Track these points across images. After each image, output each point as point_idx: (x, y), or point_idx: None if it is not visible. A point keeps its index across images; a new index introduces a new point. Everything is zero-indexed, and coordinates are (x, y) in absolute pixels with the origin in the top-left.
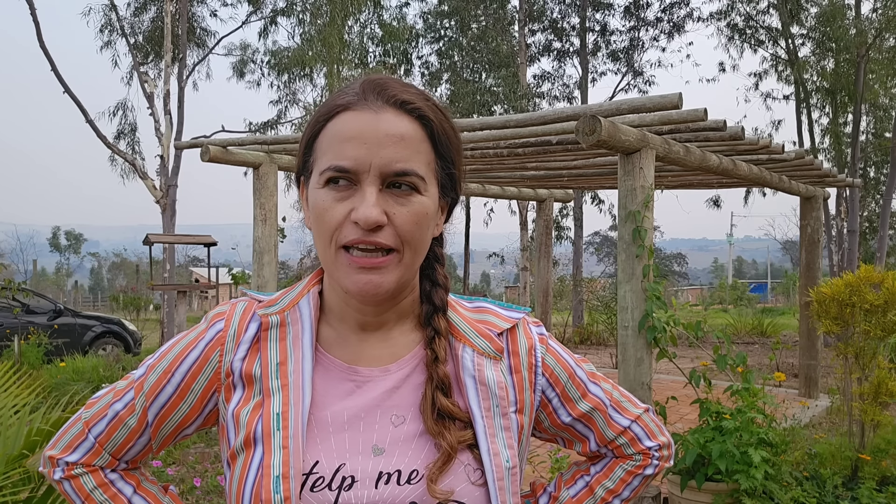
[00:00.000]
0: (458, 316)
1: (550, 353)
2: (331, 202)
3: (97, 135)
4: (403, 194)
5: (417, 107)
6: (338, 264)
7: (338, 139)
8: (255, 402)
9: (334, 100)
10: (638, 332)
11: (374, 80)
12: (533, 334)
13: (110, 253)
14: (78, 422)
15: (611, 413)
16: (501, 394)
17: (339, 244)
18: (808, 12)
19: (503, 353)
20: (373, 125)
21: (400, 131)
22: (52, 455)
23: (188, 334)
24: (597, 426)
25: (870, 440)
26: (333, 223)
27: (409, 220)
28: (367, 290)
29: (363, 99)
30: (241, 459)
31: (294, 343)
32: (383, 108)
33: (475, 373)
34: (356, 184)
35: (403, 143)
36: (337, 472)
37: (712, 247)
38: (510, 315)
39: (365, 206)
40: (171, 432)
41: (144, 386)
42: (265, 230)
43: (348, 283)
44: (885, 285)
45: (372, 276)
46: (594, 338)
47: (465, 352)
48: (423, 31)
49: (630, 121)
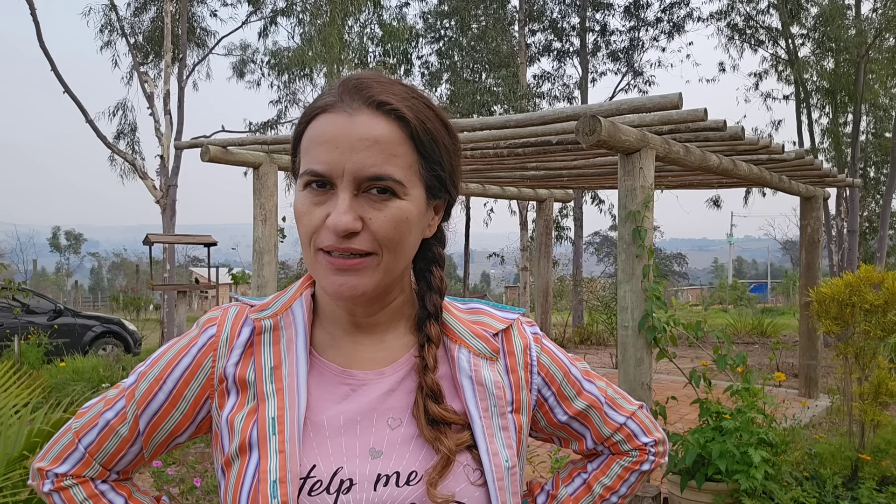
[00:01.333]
0: (453, 317)
1: (545, 353)
2: (309, 206)
3: (97, 135)
4: (380, 199)
5: (394, 108)
6: (317, 265)
7: (314, 142)
8: (249, 408)
9: (316, 101)
10: (638, 332)
11: (353, 79)
12: (527, 334)
13: (110, 253)
14: (67, 432)
15: (606, 410)
16: (499, 394)
17: (317, 247)
18: (808, 12)
19: (499, 354)
20: (346, 128)
21: (374, 134)
22: (41, 467)
23: (179, 340)
24: (593, 423)
25: (870, 440)
26: (311, 227)
27: (386, 225)
28: (343, 291)
29: (340, 100)
30: (237, 466)
31: (288, 346)
32: (359, 110)
33: (472, 373)
34: (333, 187)
35: (378, 146)
36: (335, 476)
37: (712, 247)
38: (504, 316)
39: (336, 214)
40: (163, 440)
41: (136, 394)
42: (265, 230)
43: (326, 284)
44: (885, 285)
45: (348, 278)
46: (594, 338)
47: (461, 353)
48: (423, 31)
49: (630, 121)
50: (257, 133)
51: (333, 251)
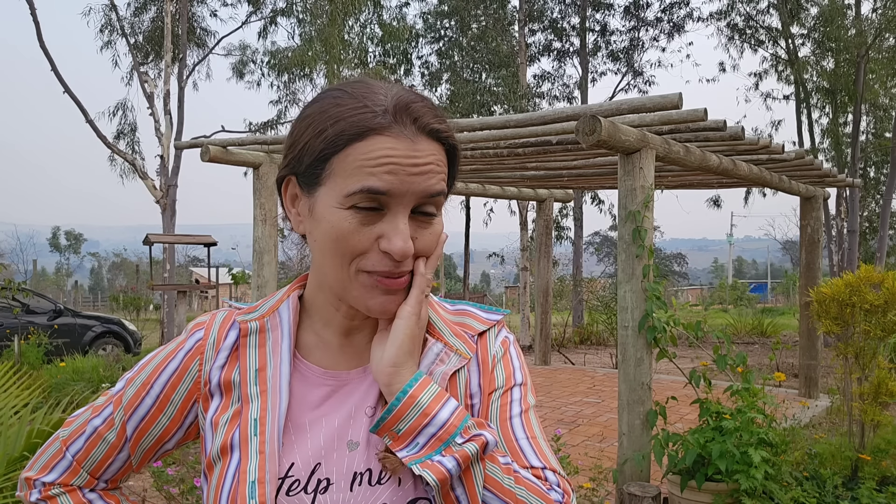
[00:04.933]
0: (438, 317)
1: (503, 360)
2: (356, 226)
3: (97, 135)
4: (427, 219)
5: (448, 135)
6: (356, 284)
7: (371, 163)
8: (233, 410)
9: (359, 118)
10: (638, 332)
11: (402, 102)
12: (500, 337)
13: (110, 253)
14: (55, 441)
15: (525, 451)
16: (442, 384)
17: (361, 269)
18: (808, 12)
19: (475, 354)
20: (411, 154)
21: (435, 158)
22: (29, 476)
23: (168, 346)
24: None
25: (870, 440)
26: (358, 248)
27: (430, 242)
28: (390, 309)
29: (396, 123)
30: (218, 468)
31: (273, 349)
32: (418, 136)
33: (433, 365)
34: (383, 208)
35: (437, 167)
36: (312, 474)
37: (712, 247)
38: (488, 317)
39: (400, 239)
40: (151, 446)
41: (123, 399)
42: (265, 230)
43: (372, 304)
44: (885, 285)
45: (396, 297)
46: (594, 338)
47: (435, 346)
48: (422, 31)
49: (630, 121)
50: (257, 133)
51: (388, 275)
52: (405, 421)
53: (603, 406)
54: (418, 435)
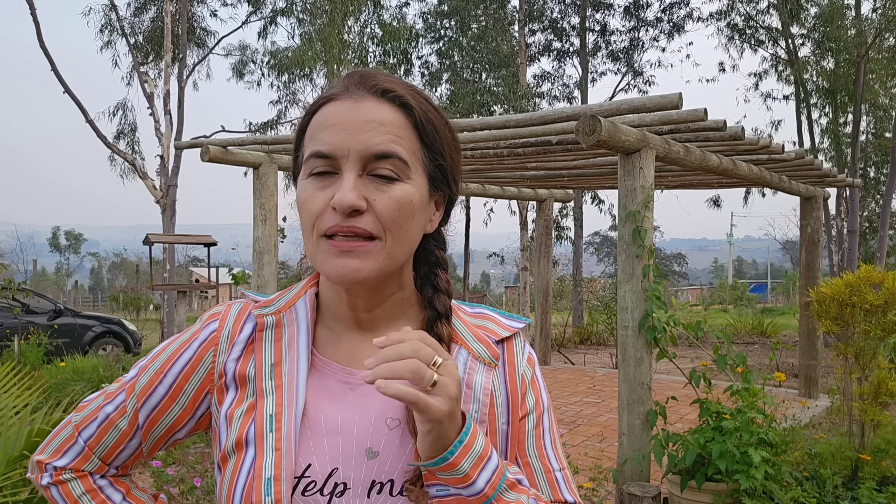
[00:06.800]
0: (459, 320)
1: (532, 383)
2: (312, 191)
3: (97, 135)
4: (385, 182)
5: (399, 94)
6: (319, 252)
7: (319, 128)
8: (248, 404)
9: (321, 94)
10: (638, 332)
11: (358, 71)
12: (526, 352)
13: (110, 253)
14: (68, 425)
15: (560, 484)
16: (484, 400)
17: (320, 233)
18: (808, 12)
19: (499, 361)
20: (352, 112)
21: (380, 117)
22: (41, 460)
23: (182, 335)
24: (535, 480)
25: (870, 440)
26: (314, 212)
27: (390, 206)
28: (346, 274)
29: (346, 90)
30: (233, 462)
31: (290, 344)
32: (364, 97)
33: (465, 376)
34: (338, 171)
35: (383, 127)
36: (329, 478)
37: (712, 247)
38: (510, 324)
39: (341, 192)
40: (163, 435)
41: (136, 387)
42: (265, 230)
43: (328, 268)
44: (885, 285)
45: (351, 261)
46: (594, 338)
47: (460, 354)
48: (422, 31)
49: (630, 121)
50: (257, 133)
51: (337, 234)
52: (443, 475)
53: (603, 406)
54: (452, 487)
